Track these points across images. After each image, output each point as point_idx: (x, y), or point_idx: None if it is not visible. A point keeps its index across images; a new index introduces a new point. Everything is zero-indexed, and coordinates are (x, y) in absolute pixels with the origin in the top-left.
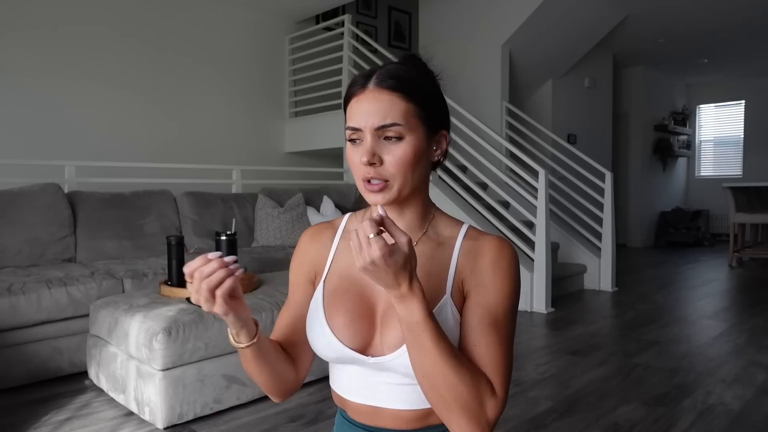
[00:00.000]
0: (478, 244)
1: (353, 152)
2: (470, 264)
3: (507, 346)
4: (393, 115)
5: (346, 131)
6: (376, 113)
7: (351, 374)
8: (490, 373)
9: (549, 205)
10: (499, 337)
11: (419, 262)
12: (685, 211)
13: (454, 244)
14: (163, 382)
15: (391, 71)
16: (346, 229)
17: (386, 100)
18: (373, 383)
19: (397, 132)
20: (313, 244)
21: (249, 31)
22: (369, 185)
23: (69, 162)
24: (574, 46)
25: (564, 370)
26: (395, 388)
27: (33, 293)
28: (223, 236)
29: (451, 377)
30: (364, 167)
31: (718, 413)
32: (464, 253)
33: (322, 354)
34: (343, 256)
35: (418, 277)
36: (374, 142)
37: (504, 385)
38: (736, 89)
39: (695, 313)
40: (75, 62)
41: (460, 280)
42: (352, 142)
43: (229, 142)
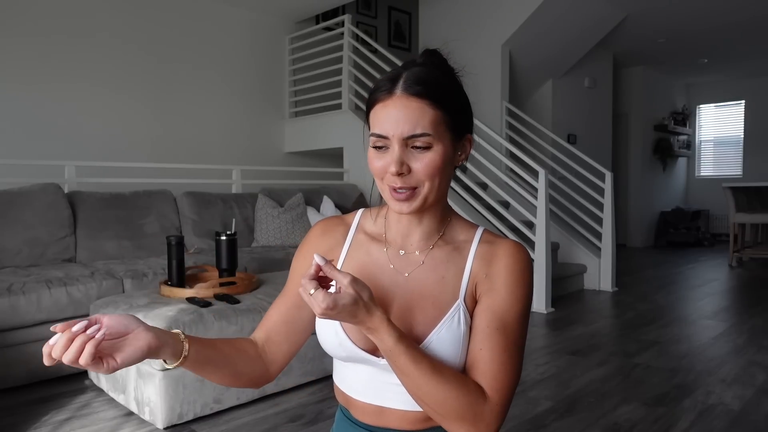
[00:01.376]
0: (493, 248)
1: (378, 159)
2: (485, 268)
3: (512, 350)
4: (423, 124)
5: (371, 137)
6: (405, 121)
7: (358, 373)
8: (488, 376)
9: (549, 205)
10: (507, 341)
11: (434, 265)
12: (685, 211)
13: (469, 249)
14: (163, 382)
15: (419, 76)
16: (359, 226)
17: (415, 107)
18: (380, 383)
19: (426, 142)
20: (324, 238)
21: (249, 31)
22: (396, 194)
23: (69, 162)
24: (574, 46)
25: (564, 370)
26: (402, 389)
27: (33, 293)
28: (223, 236)
29: (437, 393)
30: (391, 176)
31: (718, 413)
32: (479, 258)
33: (332, 353)
34: (356, 254)
35: (376, 306)
36: (402, 151)
37: (502, 390)
38: (736, 89)
39: (695, 313)
40: (75, 62)
41: (474, 285)
42: (377, 148)
43: (229, 142)
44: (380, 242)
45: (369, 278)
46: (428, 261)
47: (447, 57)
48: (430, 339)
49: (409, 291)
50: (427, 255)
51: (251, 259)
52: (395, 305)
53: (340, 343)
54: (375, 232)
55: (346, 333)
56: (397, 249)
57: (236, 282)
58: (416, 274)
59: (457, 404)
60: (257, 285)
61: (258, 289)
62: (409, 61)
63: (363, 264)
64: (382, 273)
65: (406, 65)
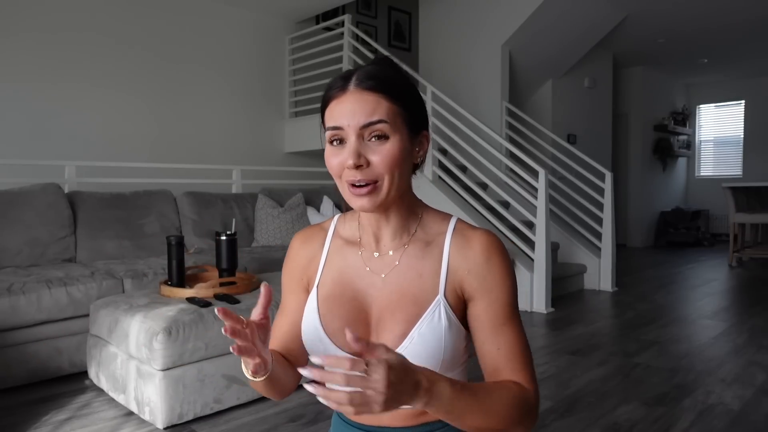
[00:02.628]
0: (467, 240)
1: (334, 155)
2: (465, 263)
3: (522, 336)
4: (379, 112)
5: (326, 133)
6: (361, 112)
7: None
8: (518, 370)
9: (549, 205)
10: (515, 331)
11: (409, 264)
12: (685, 211)
13: (443, 242)
14: (163, 382)
15: (371, 72)
16: (336, 232)
17: (370, 99)
18: None
19: (382, 130)
20: (303, 249)
21: (249, 31)
22: (356, 189)
23: (69, 162)
24: (574, 46)
25: (564, 370)
26: None
27: (33, 293)
28: (223, 236)
29: (498, 413)
30: (349, 171)
31: (717, 413)
32: (455, 251)
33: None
34: (334, 260)
35: (420, 372)
36: (359, 143)
37: (532, 374)
38: (736, 89)
39: (695, 313)
40: (75, 63)
41: (456, 280)
42: (332, 143)
43: (229, 142)
44: (355, 246)
45: (346, 283)
46: (403, 260)
47: (398, 64)
48: (411, 336)
49: (387, 292)
50: (401, 255)
51: (251, 259)
52: (374, 307)
53: (326, 350)
54: (350, 236)
55: (330, 339)
56: (371, 251)
57: (236, 282)
58: (392, 274)
59: (515, 412)
60: (257, 285)
61: (258, 289)
62: (363, 65)
63: (340, 269)
64: (359, 277)
65: (361, 67)
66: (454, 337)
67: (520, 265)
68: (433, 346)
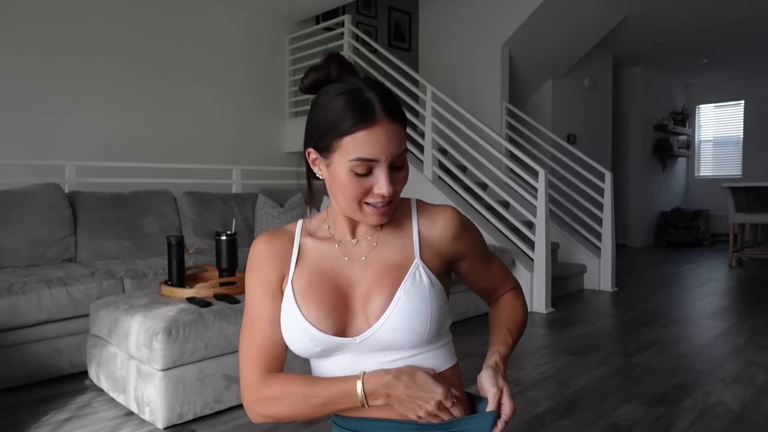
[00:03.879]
0: (436, 215)
1: (357, 183)
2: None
3: (499, 260)
4: (403, 142)
5: (352, 162)
6: (394, 143)
7: (337, 365)
8: (505, 281)
9: (549, 205)
10: (494, 259)
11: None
12: (685, 211)
13: (411, 219)
14: (163, 382)
15: (392, 100)
16: (303, 232)
17: (397, 129)
18: (361, 368)
19: (404, 159)
20: (271, 252)
21: (249, 31)
22: (374, 208)
23: (69, 162)
24: (574, 46)
25: (564, 370)
26: (404, 362)
27: (33, 293)
28: (223, 236)
29: (525, 324)
30: (374, 196)
31: (717, 413)
32: (426, 224)
33: (307, 353)
34: (308, 255)
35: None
36: (390, 173)
37: (510, 275)
38: (736, 89)
39: (695, 313)
40: (75, 63)
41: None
42: (356, 173)
43: (229, 142)
44: (328, 241)
45: (325, 272)
46: (380, 240)
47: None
48: (398, 296)
49: (371, 269)
50: (377, 237)
51: None
52: (358, 286)
53: (311, 338)
54: (322, 235)
55: (312, 324)
56: (348, 241)
57: (236, 282)
58: (373, 253)
59: (523, 309)
60: None
61: None
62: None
63: (316, 261)
64: (340, 265)
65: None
66: (437, 294)
67: (519, 265)
68: (419, 303)
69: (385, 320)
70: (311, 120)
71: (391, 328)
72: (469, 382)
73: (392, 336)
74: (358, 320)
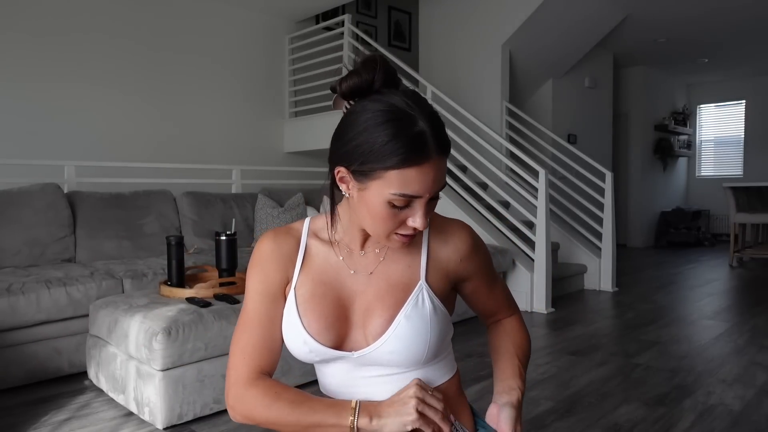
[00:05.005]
0: (447, 233)
1: (393, 216)
2: (455, 253)
3: (504, 284)
4: (446, 173)
5: (393, 196)
6: (439, 181)
7: (334, 374)
8: (507, 306)
9: (549, 205)
10: (500, 284)
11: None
12: (686, 211)
13: (422, 235)
14: (163, 383)
15: (442, 133)
16: (310, 233)
17: (443, 166)
18: (355, 378)
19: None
20: (277, 251)
21: (249, 31)
22: (401, 237)
23: (69, 162)
24: (574, 46)
25: (564, 370)
26: (377, 380)
27: (32, 293)
28: (223, 236)
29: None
30: (406, 228)
31: (718, 413)
32: (436, 242)
33: (306, 359)
34: (313, 260)
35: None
36: (427, 206)
37: (513, 301)
38: (737, 89)
39: (695, 313)
40: (75, 63)
41: (442, 267)
42: (394, 205)
43: (229, 142)
44: (337, 248)
45: (329, 283)
46: (389, 255)
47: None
48: (398, 319)
49: (375, 285)
50: (386, 251)
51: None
52: (359, 302)
53: (311, 350)
54: (328, 238)
55: (312, 337)
56: (356, 251)
57: (236, 282)
58: (380, 268)
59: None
60: None
61: None
62: (410, 104)
63: (321, 270)
64: (343, 278)
65: (418, 111)
66: (440, 320)
67: (520, 265)
68: (419, 329)
69: (383, 342)
70: (347, 137)
71: (389, 350)
72: (469, 383)
73: (389, 357)
74: (356, 334)
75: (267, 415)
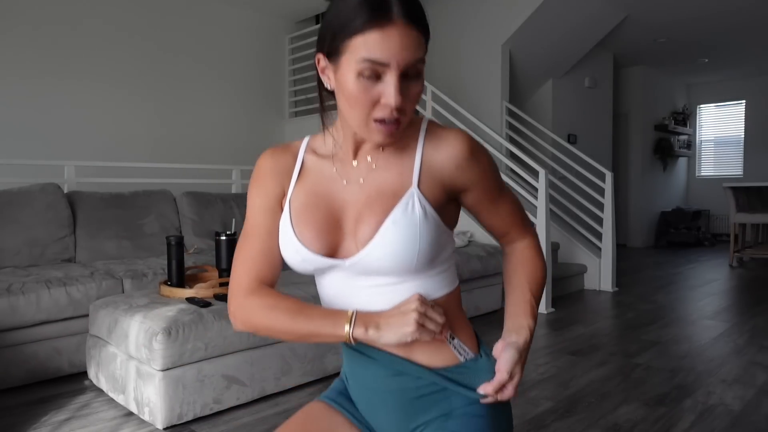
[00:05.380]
0: (443, 139)
1: (366, 90)
2: (449, 161)
3: (514, 200)
4: (421, 49)
5: (359, 64)
6: (409, 48)
7: (331, 284)
8: (519, 225)
9: (549, 205)
10: (508, 200)
11: (386, 165)
12: (686, 211)
13: (417, 141)
14: (163, 383)
15: (416, 2)
16: (308, 149)
17: (415, 35)
18: (351, 288)
19: (419, 70)
20: (276, 167)
21: (249, 31)
22: (383, 126)
23: (69, 162)
24: (574, 46)
25: (564, 370)
26: (373, 291)
27: (32, 293)
28: (223, 236)
29: (540, 281)
30: (383, 108)
31: (718, 413)
32: (431, 149)
33: (300, 269)
34: (308, 174)
35: (514, 340)
36: (401, 81)
37: (529, 223)
38: (737, 89)
39: (696, 313)
40: (75, 62)
41: (436, 176)
42: (363, 76)
43: (229, 142)
44: (330, 160)
45: (321, 194)
46: (380, 162)
47: None
48: (386, 224)
49: (366, 192)
50: (378, 157)
51: None
52: (351, 210)
53: (303, 259)
54: (326, 152)
55: (303, 245)
56: (349, 162)
57: None
58: (371, 176)
59: (545, 274)
60: None
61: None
62: None
63: (315, 181)
64: (337, 188)
65: None
66: (431, 227)
67: None
68: (407, 235)
69: (372, 248)
70: (323, 23)
71: (377, 256)
72: None
73: (378, 264)
74: (348, 243)
75: (265, 323)
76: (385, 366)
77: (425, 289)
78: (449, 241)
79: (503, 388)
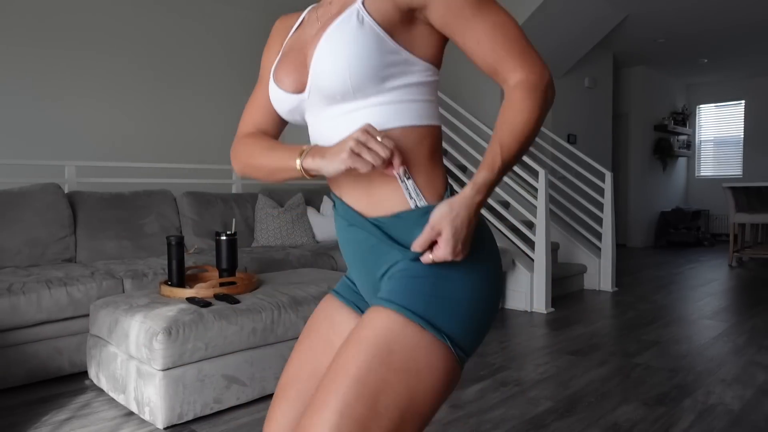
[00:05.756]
0: None
1: None
2: None
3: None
4: None
5: None
6: None
7: (310, 124)
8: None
9: (549, 205)
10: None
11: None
12: (685, 211)
13: None
14: (163, 382)
15: None
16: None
17: None
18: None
19: None
20: (282, 27)
21: (249, 30)
22: None
23: (69, 162)
24: (574, 46)
25: (564, 370)
26: (334, 122)
27: (33, 293)
28: (223, 236)
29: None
30: None
31: (718, 413)
32: None
33: (281, 112)
34: (301, 28)
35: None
36: None
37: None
38: (736, 89)
39: (695, 313)
40: (75, 62)
41: None
42: None
43: (229, 142)
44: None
45: (300, 37)
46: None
47: None
48: (321, 41)
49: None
50: None
51: (251, 259)
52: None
53: (275, 97)
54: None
55: (278, 86)
56: (327, 2)
57: (236, 282)
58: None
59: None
60: (257, 285)
61: (258, 289)
62: None
63: (304, 31)
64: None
65: None
66: (369, 42)
67: (519, 265)
68: (338, 46)
69: (312, 68)
70: None
71: (316, 71)
72: (468, 383)
73: (319, 82)
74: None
75: (247, 161)
76: (342, 216)
77: (377, 119)
78: (408, 66)
79: (435, 246)
